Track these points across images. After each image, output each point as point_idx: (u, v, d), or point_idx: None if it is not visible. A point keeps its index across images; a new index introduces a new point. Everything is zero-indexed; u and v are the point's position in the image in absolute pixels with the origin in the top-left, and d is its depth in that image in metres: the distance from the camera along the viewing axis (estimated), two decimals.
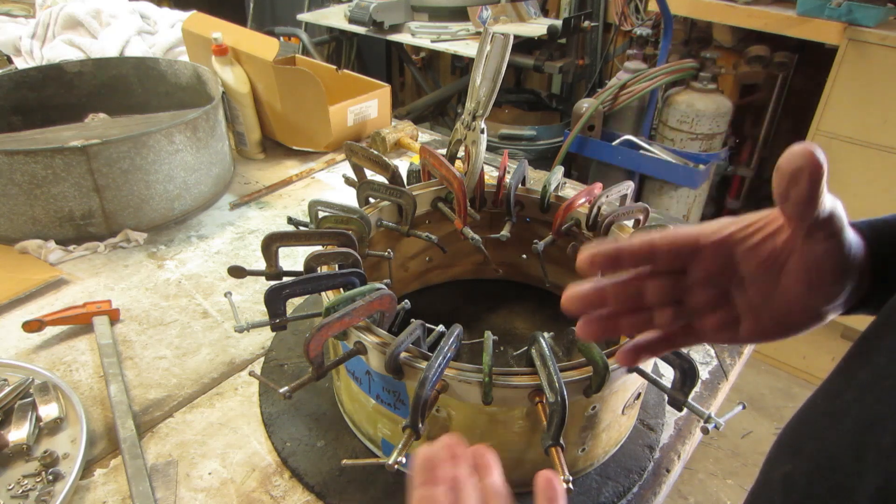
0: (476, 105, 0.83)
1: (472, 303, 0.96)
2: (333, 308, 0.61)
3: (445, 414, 0.61)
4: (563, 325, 0.85)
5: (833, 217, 0.39)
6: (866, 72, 1.93)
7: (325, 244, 0.73)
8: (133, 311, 0.93)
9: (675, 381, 0.57)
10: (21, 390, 0.74)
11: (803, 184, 0.36)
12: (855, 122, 2.01)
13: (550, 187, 0.86)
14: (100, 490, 0.66)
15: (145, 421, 0.75)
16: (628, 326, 0.46)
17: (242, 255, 1.08)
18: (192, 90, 1.36)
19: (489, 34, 0.83)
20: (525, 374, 0.57)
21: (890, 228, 0.45)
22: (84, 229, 1.06)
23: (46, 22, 1.68)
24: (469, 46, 2.51)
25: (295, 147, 1.43)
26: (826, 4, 1.95)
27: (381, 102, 1.48)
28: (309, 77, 1.30)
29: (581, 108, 2.37)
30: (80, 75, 1.33)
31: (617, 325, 0.46)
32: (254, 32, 1.36)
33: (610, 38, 3.01)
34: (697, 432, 0.78)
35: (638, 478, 0.70)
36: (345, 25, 2.80)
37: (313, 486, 0.67)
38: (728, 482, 2.07)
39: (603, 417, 0.64)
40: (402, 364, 0.58)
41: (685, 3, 2.26)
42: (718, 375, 0.87)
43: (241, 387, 0.81)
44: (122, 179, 1.04)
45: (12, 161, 0.96)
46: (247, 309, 0.95)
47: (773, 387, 2.45)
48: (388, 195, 0.82)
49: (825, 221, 0.39)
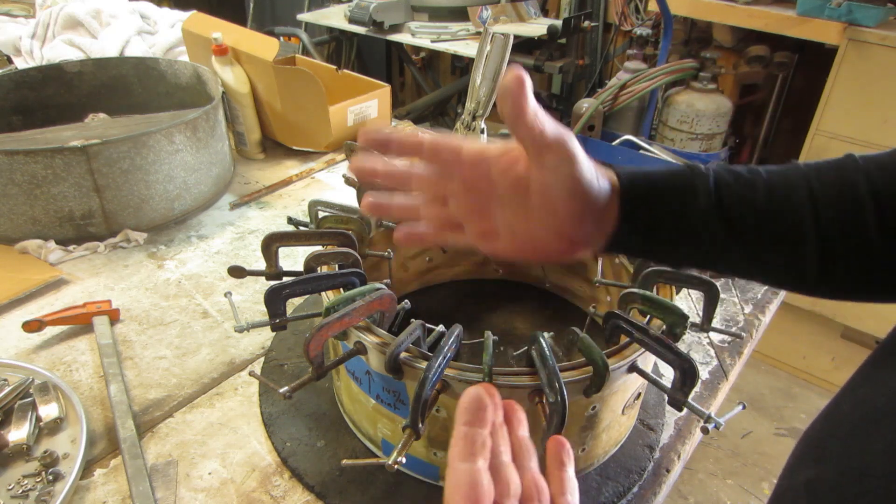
0: (476, 105, 0.83)
1: (472, 303, 0.96)
2: (333, 308, 0.61)
3: (445, 414, 0.61)
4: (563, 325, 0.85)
5: (560, 145, 0.44)
6: (866, 72, 1.93)
7: (325, 244, 0.73)
8: (133, 311, 0.93)
9: (675, 381, 0.57)
10: (21, 390, 0.74)
11: (509, 99, 0.42)
12: (855, 122, 2.01)
13: None
14: (100, 490, 0.66)
15: (145, 421, 0.75)
16: (397, 209, 0.53)
17: (242, 255, 1.08)
18: (192, 90, 1.36)
19: (489, 34, 0.83)
20: (525, 374, 0.57)
21: (644, 177, 0.49)
22: (84, 229, 1.06)
23: (46, 22, 1.68)
24: (469, 46, 2.51)
25: (295, 147, 1.43)
26: (826, 4, 1.95)
27: (381, 102, 1.48)
28: (309, 77, 1.30)
29: (581, 108, 2.37)
30: (80, 75, 1.33)
31: (389, 207, 0.53)
32: (254, 32, 1.36)
33: (610, 38, 3.01)
34: (697, 432, 0.78)
35: (638, 478, 0.70)
36: (345, 25, 2.80)
37: (313, 486, 0.67)
38: (728, 482, 2.07)
39: (603, 417, 0.64)
40: (402, 364, 0.58)
41: (685, 3, 2.26)
42: (718, 375, 0.87)
43: (241, 387, 0.81)
44: (122, 179, 1.04)
45: (12, 161, 0.96)
46: (247, 309, 0.95)
47: (773, 387, 2.45)
48: None
49: (551, 147, 0.44)
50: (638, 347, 0.60)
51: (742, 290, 1.04)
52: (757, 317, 0.98)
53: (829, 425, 0.44)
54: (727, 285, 1.05)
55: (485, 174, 0.48)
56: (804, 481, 0.42)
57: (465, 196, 0.50)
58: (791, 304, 2.26)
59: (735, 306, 1.01)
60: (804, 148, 2.15)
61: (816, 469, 0.42)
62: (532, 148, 0.45)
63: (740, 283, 1.06)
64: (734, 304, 1.01)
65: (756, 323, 0.97)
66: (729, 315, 0.99)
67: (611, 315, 0.63)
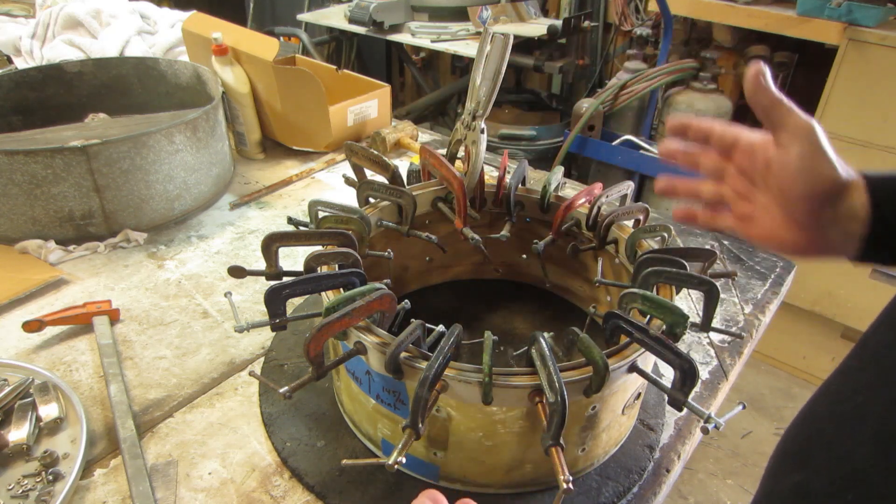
0: (476, 105, 0.83)
1: (472, 303, 0.96)
2: (333, 308, 0.61)
3: (445, 414, 0.61)
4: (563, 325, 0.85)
5: (795, 124, 0.49)
6: (866, 72, 1.93)
7: (325, 244, 0.73)
8: (133, 311, 0.93)
9: (675, 381, 0.57)
10: (21, 390, 0.74)
11: (751, 81, 0.50)
12: (855, 122, 2.01)
13: (550, 187, 0.86)
14: (100, 490, 0.66)
15: (145, 421, 0.75)
16: (683, 187, 0.62)
17: (242, 255, 1.08)
18: (192, 90, 1.36)
19: (489, 34, 0.83)
20: (525, 374, 0.57)
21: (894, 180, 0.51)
22: (84, 229, 1.05)
23: (46, 22, 1.68)
24: (469, 46, 2.51)
25: (295, 147, 1.43)
26: (826, 4, 1.95)
27: (381, 102, 1.48)
28: (309, 77, 1.30)
29: (581, 108, 2.37)
30: (80, 75, 1.33)
31: (676, 185, 0.62)
32: (254, 32, 1.36)
33: (610, 38, 3.01)
34: (697, 432, 0.78)
35: (638, 478, 0.70)
36: (345, 25, 2.80)
37: (313, 486, 0.67)
38: (728, 482, 2.07)
39: (603, 417, 0.64)
40: (402, 364, 0.58)
41: (685, 3, 2.26)
42: (718, 375, 0.87)
43: (241, 387, 0.81)
44: (122, 179, 1.04)
45: (12, 161, 0.96)
46: (247, 309, 0.95)
47: (773, 387, 2.45)
48: (388, 195, 0.82)
49: (786, 124, 0.49)
50: (638, 347, 0.60)
51: (742, 290, 1.04)
52: (757, 317, 0.98)
53: (808, 428, 0.44)
54: (727, 285, 1.05)
55: (751, 158, 0.54)
56: (790, 486, 0.42)
57: (736, 178, 0.57)
58: (791, 304, 2.26)
59: (735, 306, 1.01)
60: None
61: (803, 474, 0.41)
62: (769, 122, 0.50)
63: (740, 282, 1.06)
64: (734, 304, 1.01)
65: (756, 323, 0.97)
66: (729, 315, 0.99)
67: (611, 315, 0.63)
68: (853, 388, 0.41)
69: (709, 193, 0.60)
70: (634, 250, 0.76)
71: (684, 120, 0.59)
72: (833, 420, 0.42)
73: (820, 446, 0.41)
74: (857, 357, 0.45)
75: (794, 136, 0.49)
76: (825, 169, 0.48)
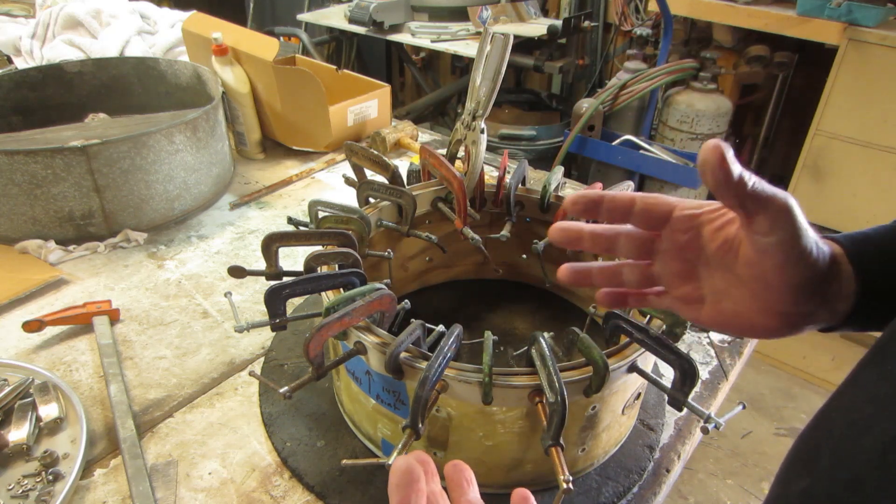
0: (476, 105, 0.83)
1: (472, 303, 0.96)
2: (333, 308, 0.61)
3: (445, 414, 0.61)
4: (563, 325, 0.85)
5: (774, 208, 0.39)
6: (866, 72, 1.93)
7: (325, 244, 0.73)
8: (133, 311, 0.93)
9: (675, 381, 0.57)
10: (21, 390, 0.74)
11: (710, 171, 0.38)
12: (855, 122, 2.01)
13: (550, 187, 0.86)
14: (100, 490, 0.66)
15: (145, 421, 0.75)
16: (599, 275, 0.51)
17: (242, 255, 1.08)
18: (192, 90, 1.36)
19: (489, 34, 0.83)
20: (525, 374, 0.57)
21: (872, 242, 0.45)
22: (84, 229, 1.06)
23: (46, 22, 1.68)
24: (469, 46, 2.51)
25: (295, 147, 1.43)
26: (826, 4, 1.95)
27: (381, 102, 1.48)
28: (309, 77, 1.30)
29: (581, 108, 2.37)
30: (80, 75, 1.33)
31: (589, 274, 0.51)
32: (254, 32, 1.36)
33: (610, 38, 3.01)
34: (697, 432, 0.78)
35: (638, 478, 0.70)
36: (345, 25, 2.80)
37: (313, 486, 0.67)
38: (728, 482, 2.07)
39: (603, 417, 0.64)
40: (402, 364, 0.58)
41: (685, 3, 2.26)
42: (718, 375, 0.87)
43: (241, 387, 0.81)
44: (122, 179, 1.04)
45: (12, 161, 0.96)
46: (247, 309, 0.95)
47: (773, 387, 2.45)
48: (388, 195, 0.82)
49: (762, 210, 0.40)
50: (638, 347, 0.60)
51: None
52: None
53: (819, 433, 0.44)
54: None
55: (696, 235, 0.46)
56: (798, 492, 0.42)
57: (673, 258, 0.48)
58: None
59: None
60: (804, 148, 2.15)
61: (810, 479, 0.41)
62: (741, 211, 0.40)
63: None
64: None
65: None
66: None
67: (611, 315, 0.63)
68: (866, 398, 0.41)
69: (635, 278, 0.50)
70: None
71: (592, 195, 0.47)
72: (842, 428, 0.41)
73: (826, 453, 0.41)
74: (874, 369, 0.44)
75: (776, 221, 0.40)
76: (811, 254, 0.41)
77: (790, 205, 0.40)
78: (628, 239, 0.49)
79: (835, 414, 0.44)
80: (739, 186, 0.38)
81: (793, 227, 0.40)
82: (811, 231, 0.42)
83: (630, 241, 0.49)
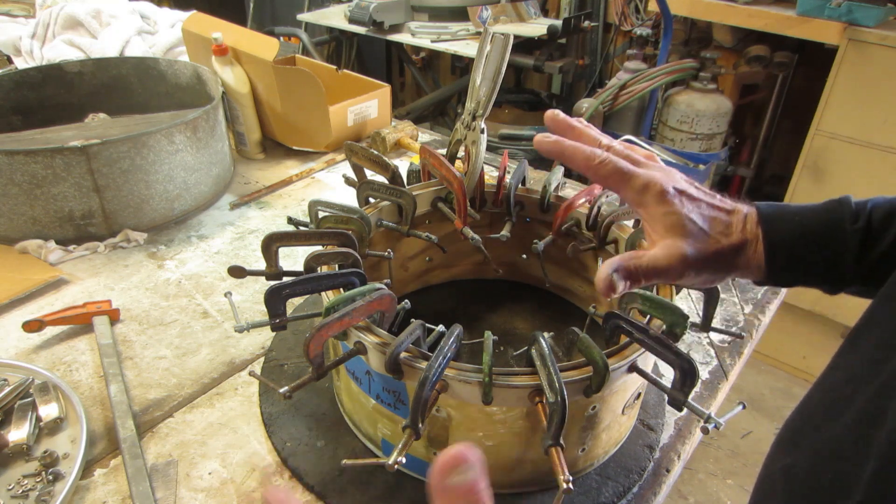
0: (476, 105, 0.83)
1: (472, 303, 0.96)
2: (333, 308, 0.61)
3: (445, 414, 0.61)
4: (563, 325, 0.85)
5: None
6: (866, 72, 1.93)
7: (325, 244, 0.73)
8: (133, 311, 0.93)
9: (675, 381, 0.57)
10: (21, 390, 0.74)
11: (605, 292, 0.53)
12: (855, 122, 2.01)
13: (550, 187, 0.86)
14: (100, 490, 0.66)
15: (145, 421, 0.75)
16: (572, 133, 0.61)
17: (242, 255, 1.08)
18: (192, 90, 1.36)
19: (489, 34, 0.83)
20: (525, 374, 0.57)
21: (788, 220, 0.54)
22: (84, 229, 1.06)
23: (46, 22, 1.68)
24: (469, 46, 2.51)
25: (295, 147, 1.43)
26: (826, 4, 1.95)
27: (381, 102, 1.48)
28: (309, 77, 1.30)
29: (581, 108, 2.37)
30: (80, 75, 1.33)
31: (569, 129, 0.61)
32: (254, 32, 1.36)
33: (610, 38, 3.01)
34: (697, 432, 0.78)
35: (638, 478, 0.70)
36: (345, 25, 2.80)
37: (313, 486, 0.67)
38: (728, 482, 2.07)
39: (603, 417, 0.64)
40: (402, 364, 0.58)
41: (685, 3, 2.26)
42: (718, 375, 0.87)
43: (241, 387, 0.81)
44: (122, 179, 1.04)
45: (12, 161, 0.96)
46: (247, 309, 0.95)
47: (773, 387, 2.45)
48: (388, 195, 0.82)
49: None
50: (638, 347, 0.60)
51: (742, 290, 1.04)
52: (757, 317, 0.98)
53: (802, 416, 0.46)
54: (727, 285, 1.05)
55: None
56: (781, 467, 0.43)
57: None
58: (791, 304, 2.26)
59: (735, 306, 1.01)
60: (804, 148, 2.15)
61: (792, 456, 0.43)
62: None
63: (740, 282, 1.06)
64: (734, 304, 1.01)
65: (756, 323, 0.97)
66: (729, 315, 0.99)
67: (611, 315, 0.63)
68: (844, 379, 0.43)
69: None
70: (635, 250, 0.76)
71: (569, 120, 0.59)
72: (823, 407, 0.44)
73: (809, 431, 0.43)
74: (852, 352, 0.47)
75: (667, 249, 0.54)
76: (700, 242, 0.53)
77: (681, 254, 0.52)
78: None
79: (817, 397, 0.46)
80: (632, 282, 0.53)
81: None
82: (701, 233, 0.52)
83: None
